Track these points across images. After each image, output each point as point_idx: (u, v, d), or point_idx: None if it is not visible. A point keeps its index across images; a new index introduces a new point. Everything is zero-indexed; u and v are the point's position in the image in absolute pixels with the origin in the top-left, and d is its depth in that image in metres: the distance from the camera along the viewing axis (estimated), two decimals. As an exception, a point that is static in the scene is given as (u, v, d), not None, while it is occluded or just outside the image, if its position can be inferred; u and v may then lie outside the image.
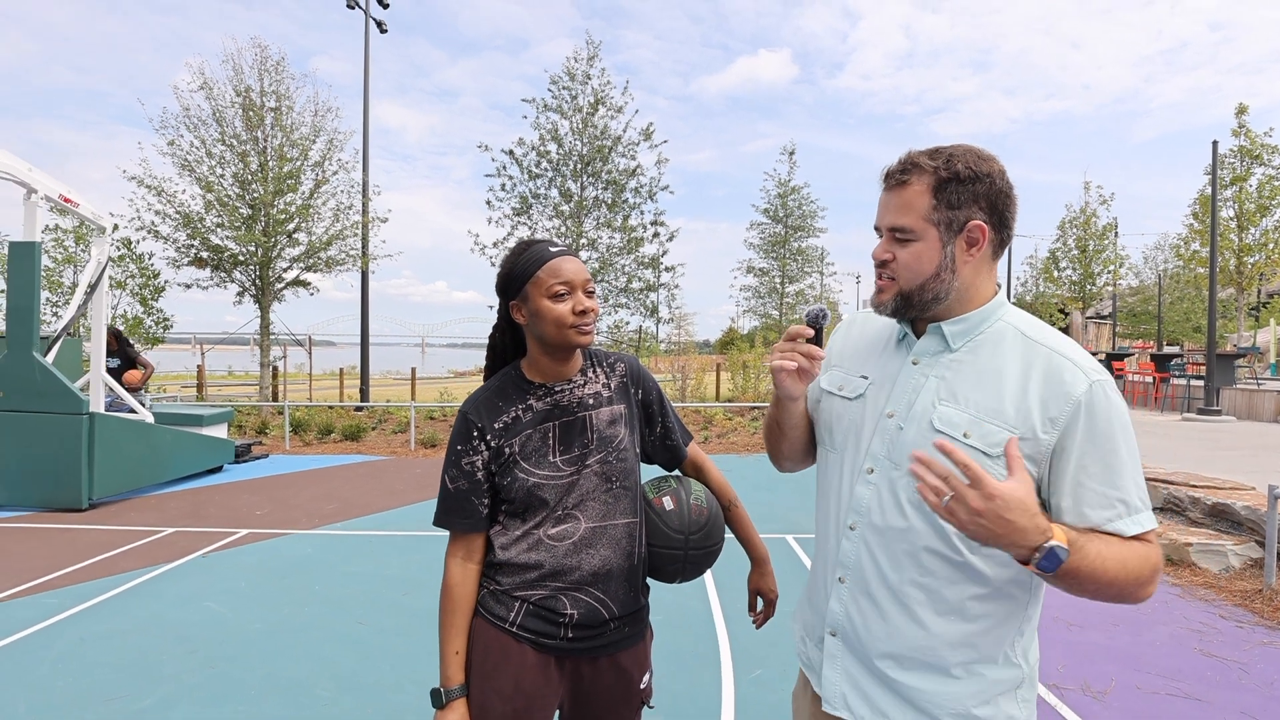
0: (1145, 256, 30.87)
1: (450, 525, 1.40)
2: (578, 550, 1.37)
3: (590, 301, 1.35)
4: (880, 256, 1.12)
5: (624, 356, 1.55)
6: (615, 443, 1.42)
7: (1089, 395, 1.00)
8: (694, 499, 1.47)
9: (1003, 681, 1.09)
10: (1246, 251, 19.60)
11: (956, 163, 1.06)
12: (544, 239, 1.41)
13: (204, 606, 4.14)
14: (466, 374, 40.23)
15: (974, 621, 1.07)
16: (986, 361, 1.09)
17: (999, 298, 1.14)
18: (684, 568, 1.46)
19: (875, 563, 1.12)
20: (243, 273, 14.09)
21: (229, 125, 13.58)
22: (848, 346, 1.30)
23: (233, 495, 7.38)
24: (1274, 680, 3.24)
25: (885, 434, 1.13)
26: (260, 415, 13.23)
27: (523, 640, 1.37)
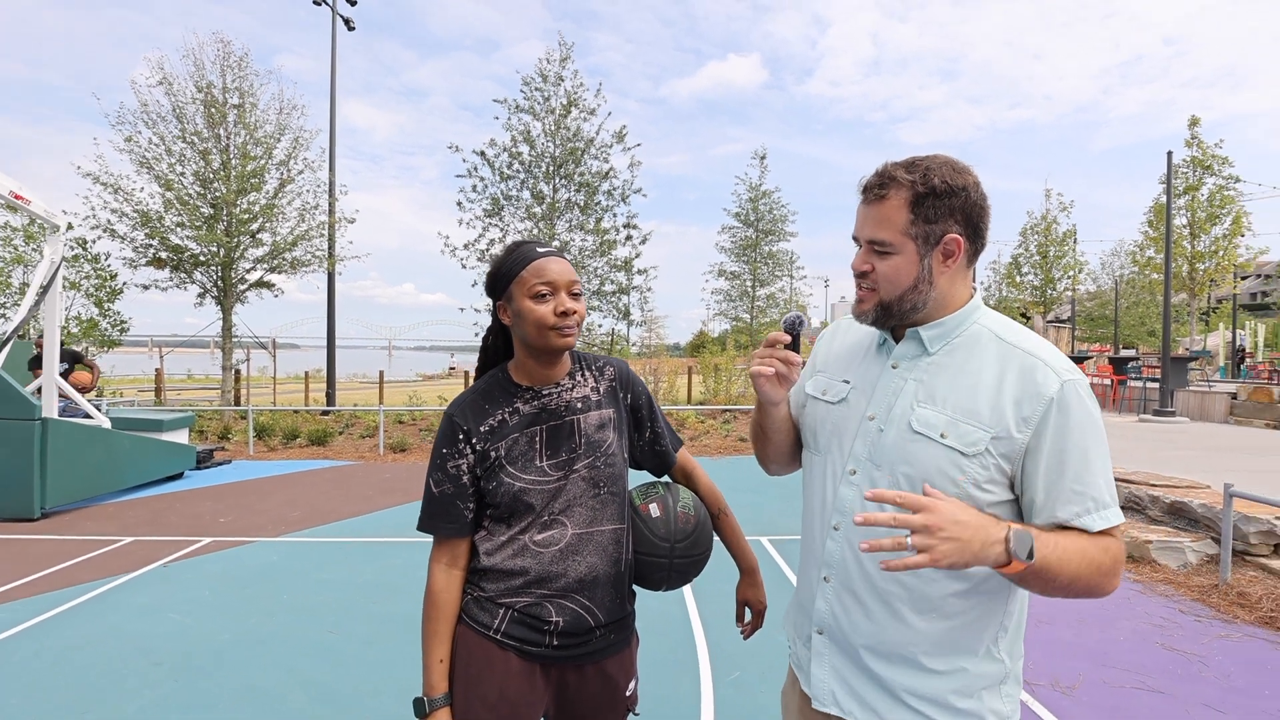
0: (1103, 262, 31.87)
1: (434, 530, 1.37)
2: (564, 557, 1.35)
3: (574, 303, 1.33)
4: (859, 268, 1.15)
5: (613, 360, 1.53)
6: (603, 447, 1.40)
7: (1061, 394, 1.03)
8: (681, 506, 1.46)
9: (985, 676, 1.11)
10: (1198, 258, 20.36)
11: (933, 176, 1.08)
12: (534, 240, 1.39)
13: (167, 618, 4.00)
14: (435, 377, 39.71)
15: (955, 618, 1.10)
16: (963, 364, 1.12)
17: (974, 301, 1.17)
18: (669, 576, 1.45)
19: (859, 561, 1.14)
20: (204, 274, 13.72)
21: (190, 122, 13.22)
22: (831, 352, 1.33)
23: (194, 502, 7.16)
24: (1231, 672, 3.35)
25: (867, 436, 1.16)
26: (222, 420, 12.88)
27: (507, 648, 1.34)
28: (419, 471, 9.20)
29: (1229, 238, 20.14)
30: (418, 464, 9.85)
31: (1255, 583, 4.44)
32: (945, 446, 1.07)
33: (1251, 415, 12.93)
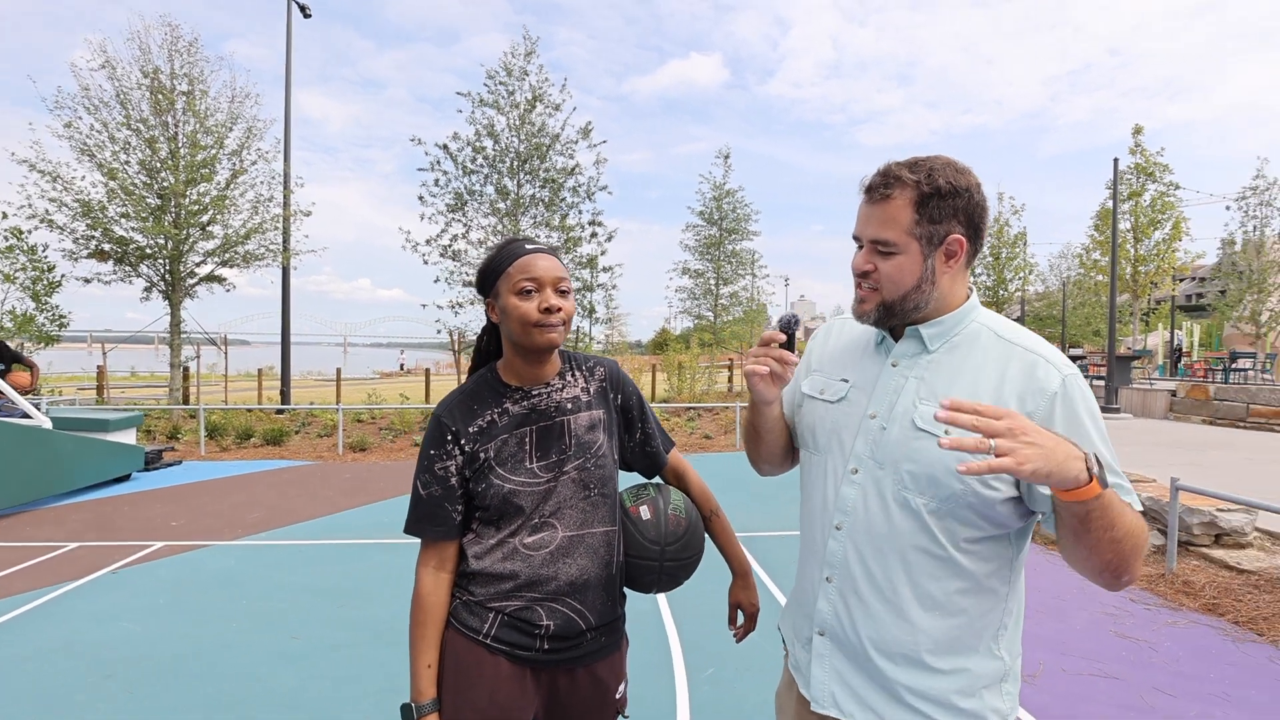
0: (1051, 264, 33.07)
1: (422, 533, 1.34)
2: (554, 559, 1.33)
3: (560, 300, 1.30)
4: (862, 267, 1.15)
5: (604, 360, 1.51)
6: (594, 449, 1.38)
7: (1063, 388, 1.05)
8: (672, 509, 1.44)
9: (986, 675, 1.12)
10: (1141, 261, 21.28)
11: (938, 177, 1.08)
12: (524, 237, 1.37)
13: (119, 626, 3.84)
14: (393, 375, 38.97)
15: (957, 616, 1.10)
16: (963, 361, 1.12)
17: (972, 300, 1.19)
18: (660, 579, 1.43)
19: (862, 561, 1.14)
20: (151, 267, 13.16)
21: (135, 108, 12.66)
22: (827, 351, 1.33)
23: (144, 505, 6.88)
24: (1180, 657, 3.51)
25: (868, 435, 1.15)
26: (171, 419, 12.40)
27: (497, 652, 1.32)
28: (380, 471, 9.01)
29: (1169, 242, 21.10)
30: (379, 464, 9.65)
31: (1198, 571, 4.66)
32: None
33: (1189, 411, 13.57)
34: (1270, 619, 3.90)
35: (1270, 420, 12.05)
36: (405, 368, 44.72)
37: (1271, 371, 19.69)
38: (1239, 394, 12.82)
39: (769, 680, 3.22)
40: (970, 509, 1.06)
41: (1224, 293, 21.87)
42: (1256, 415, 12.32)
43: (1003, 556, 1.11)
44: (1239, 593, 4.27)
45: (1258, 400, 12.40)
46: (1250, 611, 4.01)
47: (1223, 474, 7.87)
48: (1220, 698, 3.10)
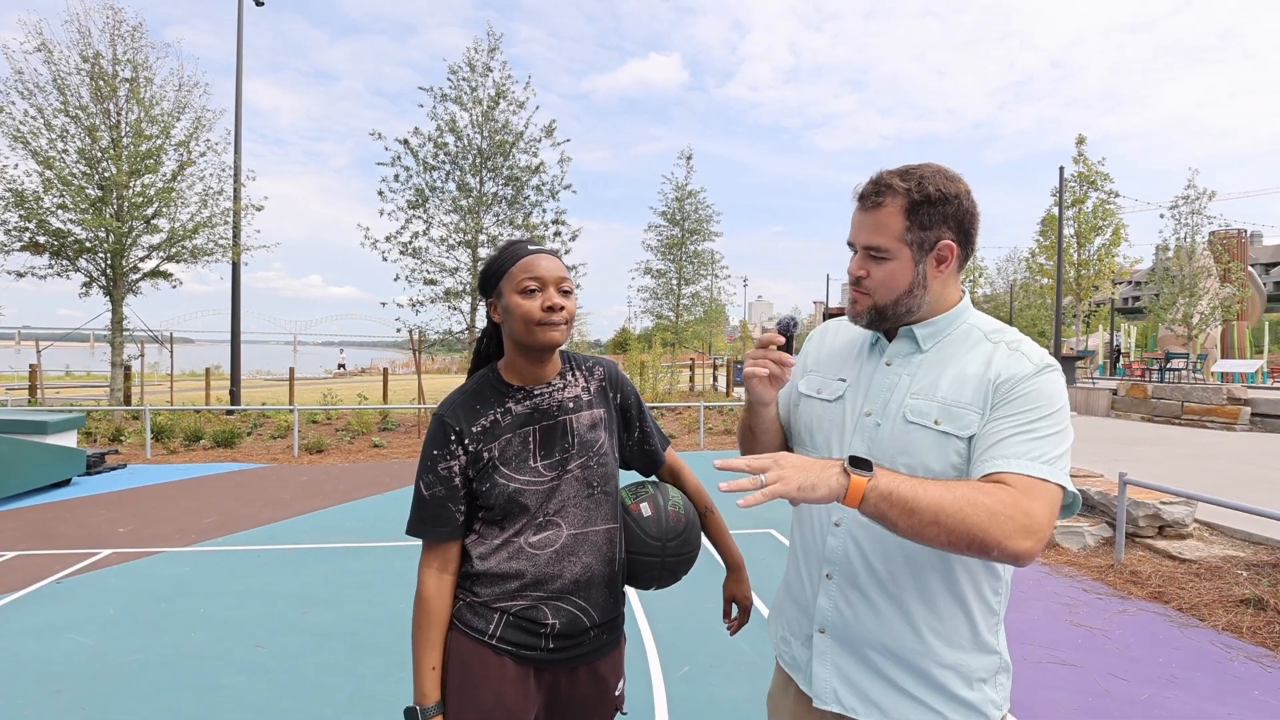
0: (999, 268, 34.22)
1: (426, 534, 1.33)
2: (560, 558, 1.34)
3: (563, 299, 1.32)
4: (856, 273, 1.19)
5: (603, 360, 1.53)
6: (596, 447, 1.39)
7: (1037, 374, 1.09)
8: (671, 505, 1.46)
9: (984, 667, 1.15)
10: (1084, 266, 22.20)
11: (928, 185, 1.12)
12: (527, 238, 1.37)
13: (66, 639, 3.65)
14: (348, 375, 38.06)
15: (957, 606, 1.13)
16: (951, 358, 1.17)
17: (964, 302, 1.23)
18: (661, 574, 1.45)
19: (863, 556, 1.16)
20: (90, 261, 12.56)
21: (73, 94, 12.07)
22: (823, 352, 1.36)
23: (87, 511, 6.57)
24: (1131, 643, 3.68)
25: (865, 432, 1.18)
26: (113, 420, 11.86)
27: (502, 653, 1.32)
28: (339, 473, 8.79)
29: (1109, 247, 22.06)
30: (336, 465, 9.41)
31: (1144, 562, 4.89)
32: (940, 433, 1.10)
33: (1129, 409, 14.22)
34: (1210, 605, 4.12)
35: (1203, 417, 12.71)
36: (345, 368, 41.80)
37: (1201, 371, 20.78)
38: (1174, 392, 13.48)
39: (744, 676, 3.27)
40: None
41: (1158, 296, 22.97)
42: (1190, 412, 12.98)
43: None
44: (1182, 581, 4.49)
45: (1191, 399, 13.07)
46: (1192, 598, 4.22)
47: (1162, 468, 8.28)
48: (1169, 680, 3.27)
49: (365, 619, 3.96)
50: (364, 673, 3.29)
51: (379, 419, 12.72)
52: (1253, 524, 5.36)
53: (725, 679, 3.26)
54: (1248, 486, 7.19)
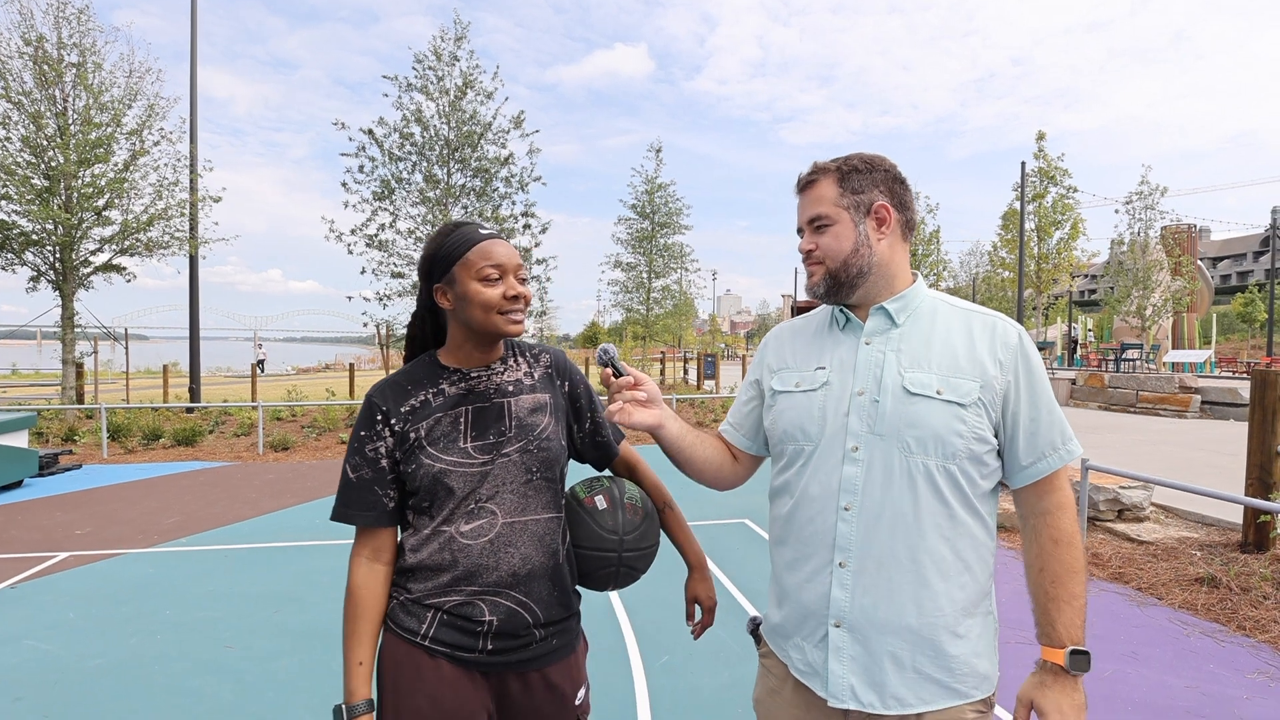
0: (961, 262, 34.97)
1: (351, 519, 1.28)
2: (495, 548, 1.26)
3: (523, 288, 1.30)
4: (805, 248, 1.26)
5: (550, 348, 1.48)
6: (537, 431, 1.33)
7: (1020, 342, 1.20)
8: (628, 498, 1.40)
9: (989, 633, 1.19)
10: (1044, 259, 22.81)
11: (854, 159, 1.25)
12: (473, 221, 1.35)
13: (24, 646, 3.51)
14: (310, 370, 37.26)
15: (967, 574, 1.15)
16: (930, 330, 1.22)
17: (920, 280, 1.29)
18: (618, 571, 1.38)
19: (877, 537, 1.15)
20: (37, 254, 12.06)
21: (15, 79, 11.55)
22: (782, 349, 1.37)
23: (42, 513, 6.32)
24: (1093, 622, 3.80)
25: (861, 411, 1.19)
26: (65, 420, 11.44)
27: (437, 655, 1.25)
28: (306, 471, 8.61)
29: (1068, 241, 22.69)
30: (303, 463, 9.22)
31: (1105, 544, 5.06)
32: (944, 402, 1.14)
33: (1087, 398, 14.67)
34: (1167, 584, 4.28)
35: (1156, 405, 13.18)
36: (264, 366, 35.38)
37: (1154, 361, 21.53)
38: (1129, 382, 13.95)
39: (723, 665, 3.29)
40: (970, 460, 1.15)
41: (1114, 289, 23.71)
42: (1145, 401, 13.45)
43: (989, 510, 1.20)
44: (1140, 562, 4.66)
45: (1145, 388, 13.54)
46: (1150, 578, 4.38)
47: (1119, 454, 8.57)
48: (1130, 656, 3.39)
49: (336, 618, 3.86)
50: (336, 672, 3.22)
51: (346, 415, 12.49)
52: (1206, 506, 5.58)
53: (705, 668, 3.28)
54: (1200, 471, 7.48)
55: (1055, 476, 1.17)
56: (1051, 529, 1.15)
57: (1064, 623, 1.11)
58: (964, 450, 1.14)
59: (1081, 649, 1.10)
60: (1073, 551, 1.13)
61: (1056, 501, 1.16)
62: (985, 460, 1.16)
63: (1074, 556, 1.13)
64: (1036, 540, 1.16)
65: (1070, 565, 1.13)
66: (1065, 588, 1.12)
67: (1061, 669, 1.10)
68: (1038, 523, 1.17)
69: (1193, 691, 3.06)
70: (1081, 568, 1.13)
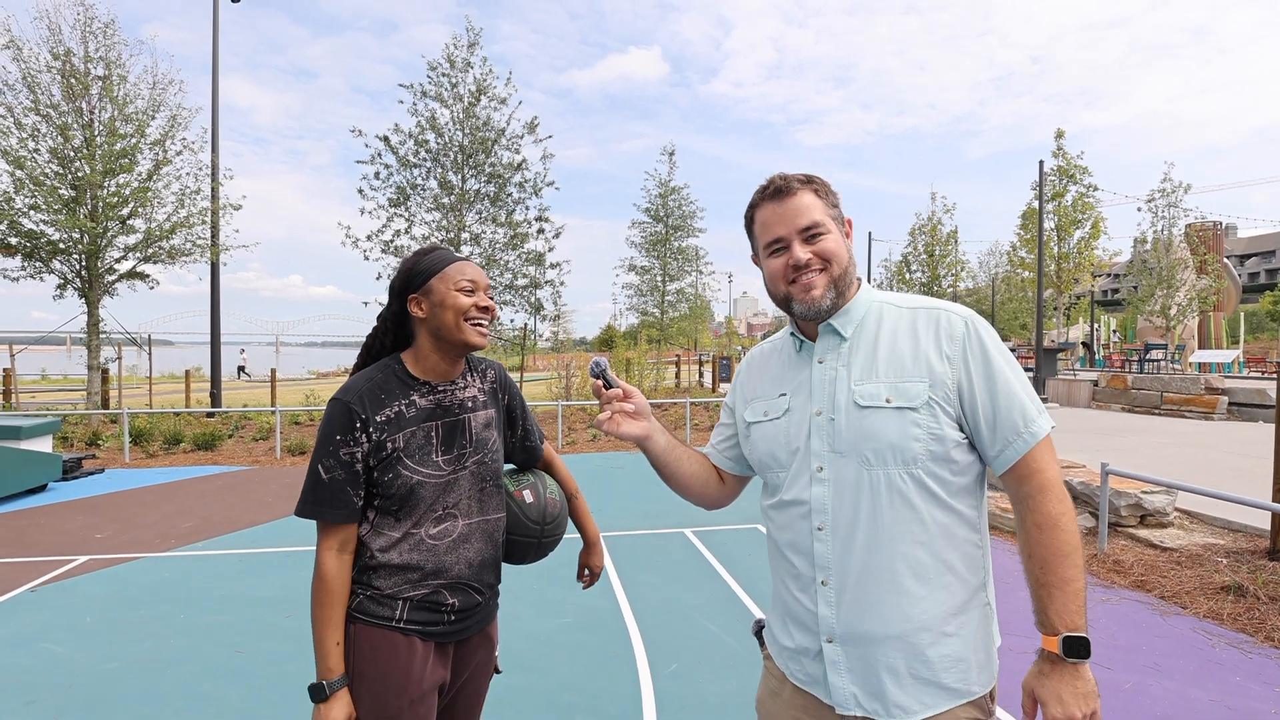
0: (980, 262, 34.56)
1: (323, 515, 1.37)
2: (456, 547, 1.44)
3: (491, 303, 1.45)
4: (802, 258, 1.21)
5: (492, 363, 1.64)
6: (489, 445, 1.51)
7: (968, 328, 1.17)
8: (550, 493, 1.63)
9: (985, 624, 1.18)
10: (1064, 259, 22.46)
11: (815, 180, 1.26)
12: (445, 246, 1.49)
13: (41, 648, 3.57)
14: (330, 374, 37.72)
15: (950, 573, 1.14)
16: (876, 337, 1.22)
17: (865, 285, 1.30)
18: (536, 551, 1.62)
19: (852, 552, 1.16)
20: (64, 262, 12.32)
21: (44, 92, 11.82)
22: (752, 378, 1.40)
23: (64, 517, 6.44)
24: (1114, 631, 3.71)
25: (821, 430, 1.20)
26: (90, 424, 11.65)
27: (410, 633, 1.40)
28: (323, 475, 8.69)
29: (1088, 240, 22.32)
30: (320, 467, 9.30)
31: (1127, 551, 4.94)
32: (895, 409, 1.14)
33: (1110, 400, 14.40)
34: (1192, 593, 4.16)
35: (1182, 407, 12.90)
36: (247, 372, 33.89)
37: (1180, 361, 21.09)
38: (1154, 383, 13.67)
39: (732, 673, 3.25)
40: (934, 461, 1.13)
41: (1137, 288, 23.26)
42: (1169, 402, 13.17)
43: (971, 504, 1.18)
44: (1164, 569, 4.54)
45: (1170, 389, 13.25)
46: (1174, 586, 4.27)
47: (1142, 458, 8.39)
48: (1152, 668, 3.30)
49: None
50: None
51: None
52: (1232, 512, 5.43)
53: (713, 675, 3.24)
54: (1226, 475, 7.30)
55: (1030, 460, 1.13)
56: (1034, 514, 1.12)
57: (1056, 609, 1.08)
58: (924, 453, 1.13)
59: (1077, 634, 1.06)
60: (1059, 535, 1.09)
61: (1037, 485, 1.13)
62: (953, 457, 1.14)
63: (1061, 540, 1.09)
64: (1023, 526, 1.14)
65: (1057, 548, 1.09)
66: (1054, 572, 1.08)
67: (1058, 656, 1.08)
68: (1021, 509, 1.15)
69: (1218, 705, 2.96)
70: (1072, 550, 1.08)
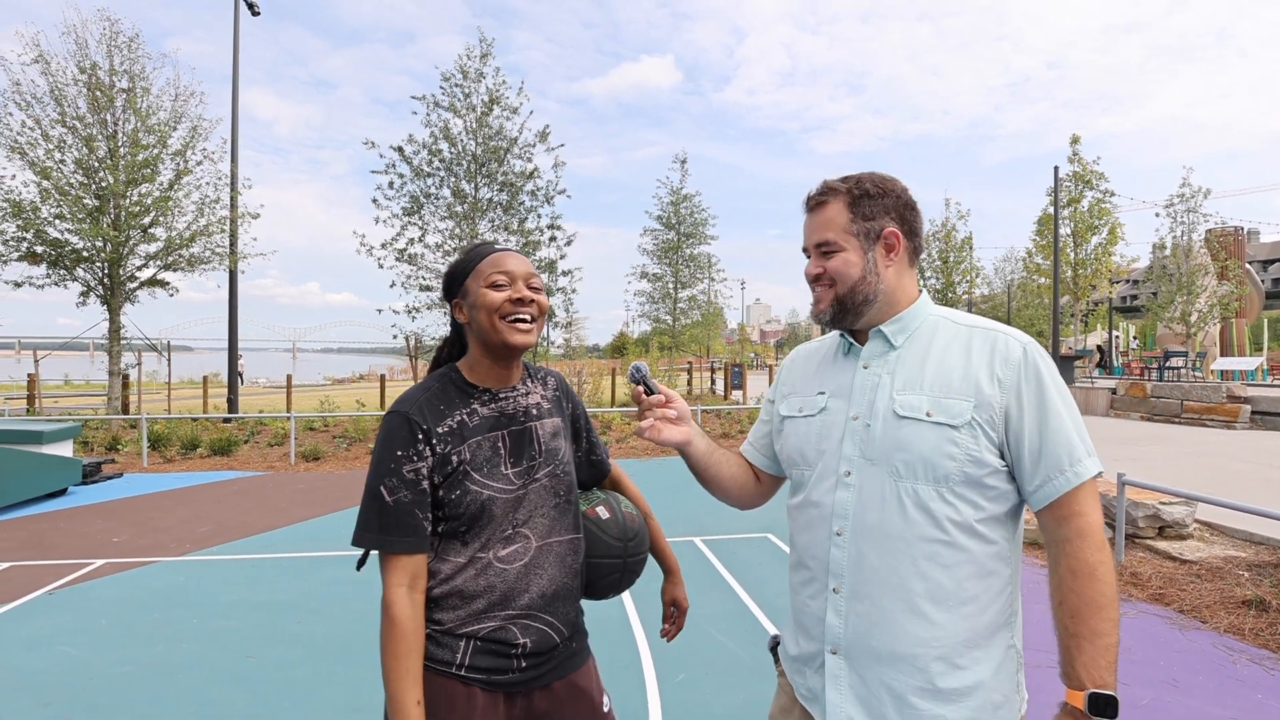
0: (995, 268, 34.24)
1: (392, 546, 1.20)
2: (527, 572, 1.27)
3: (535, 295, 1.31)
4: (812, 273, 1.24)
5: (552, 371, 1.53)
6: (559, 455, 1.37)
7: (1025, 355, 1.12)
8: (626, 507, 1.47)
9: (1005, 670, 1.12)
10: (1080, 265, 22.21)
11: (865, 182, 1.21)
12: (490, 240, 1.35)
13: (56, 650, 3.62)
14: (345, 381, 38.02)
15: (970, 604, 1.09)
16: (927, 349, 1.18)
17: (924, 297, 1.26)
18: (622, 577, 1.44)
19: (869, 563, 1.12)
20: (87, 270, 12.57)
21: (70, 105, 12.10)
22: (795, 373, 1.39)
23: (82, 521, 6.53)
24: (1131, 646, 3.64)
25: (854, 436, 1.18)
26: (110, 429, 11.83)
27: (471, 683, 1.23)
28: (335, 481, 8.76)
29: (1106, 246, 22.06)
30: (332, 473, 9.38)
31: (1145, 563, 4.86)
32: (934, 424, 1.10)
33: (1129, 408, 14.18)
34: (1212, 607, 4.08)
35: (1203, 416, 12.68)
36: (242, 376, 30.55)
37: (1201, 369, 20.75)
38: (1174, 391, 13.45)
39: (740, 684, 3.23)
40: (968, 484, 1.09)
41: (1156, 294, 22.92)
42: (1190, 411, 12.95)
43: (1003, 535, 1.13)
44: (1182, 582, 4.46)
45: (1191, 397, 13.03)
46: (1194, 600, 4.19)
47: (1161, 467, 8.25)
48: (1170, 684, 3.23)
49: (358, 628, 3.92)
50: (355, 683, 3.26)
51: (375, 426, 12.68)
52: (1254, 524, 5.33)
53: (721, 686, 3.22)
54: (1249, 485, 7.16)
55: (1071, 501, 1.07)
56: (1069, 558, 1.06)
57: (1084, 662, 1.02)
58: (957, 474, 1.09)
59: (1105, 692, 0.99)
60: (1094, 584, 1.04)
61: (1076, 529, 1.07)
62: (987, 483, 1.09)
63: (1096, 590, 1.03)
64: (1055, 570, 1.08)
65: (1091, 599, 1.03)
66: (1087, 624, 1.03)
67: (1082, 713, 1.01)
68: (1056, 551, 1.09)
69: (1236, 721, 2.90)
70: (1108, 602, 1.03)
